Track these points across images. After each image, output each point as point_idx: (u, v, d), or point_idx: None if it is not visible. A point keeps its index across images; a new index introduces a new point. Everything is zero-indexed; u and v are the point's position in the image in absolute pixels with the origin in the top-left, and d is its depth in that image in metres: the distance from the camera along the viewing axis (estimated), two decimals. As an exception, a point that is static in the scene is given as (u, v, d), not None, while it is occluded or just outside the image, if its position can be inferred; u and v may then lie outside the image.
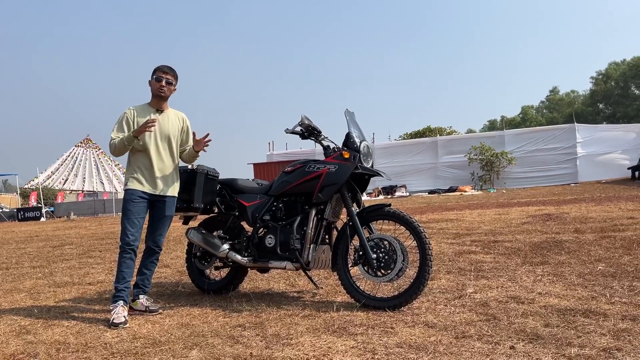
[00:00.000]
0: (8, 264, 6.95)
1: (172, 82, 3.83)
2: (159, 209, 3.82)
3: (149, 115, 3.77)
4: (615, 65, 54.10)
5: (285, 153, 29.20)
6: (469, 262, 4.95)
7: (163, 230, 3.85)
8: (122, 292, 3.59)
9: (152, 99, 3.85)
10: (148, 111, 3.80)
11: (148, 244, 3.84)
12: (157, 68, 3.82)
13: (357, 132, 3.82)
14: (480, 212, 9.89)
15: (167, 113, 3.89)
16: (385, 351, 2.62)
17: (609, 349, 2.48)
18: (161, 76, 3.78)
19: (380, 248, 3.54)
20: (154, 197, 3.77)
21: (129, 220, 3.66)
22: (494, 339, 2.72)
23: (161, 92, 3.78)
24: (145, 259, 3.86)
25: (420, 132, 35.38)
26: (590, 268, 4.37)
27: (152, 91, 3.82)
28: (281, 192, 3.93)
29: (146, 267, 3.85)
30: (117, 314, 3.43)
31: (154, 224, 3.84)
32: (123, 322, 3.37)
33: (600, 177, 22.41)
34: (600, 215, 7.73)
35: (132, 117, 3.75)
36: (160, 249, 3.88)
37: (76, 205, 29.21)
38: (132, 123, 3.73)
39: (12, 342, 3.13)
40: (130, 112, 3.77)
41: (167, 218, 3.85)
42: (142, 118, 3.74)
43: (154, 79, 3.79)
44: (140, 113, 3.78)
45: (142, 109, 3.82)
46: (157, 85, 3.77)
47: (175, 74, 3.86)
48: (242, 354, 2.68)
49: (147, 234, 3.85)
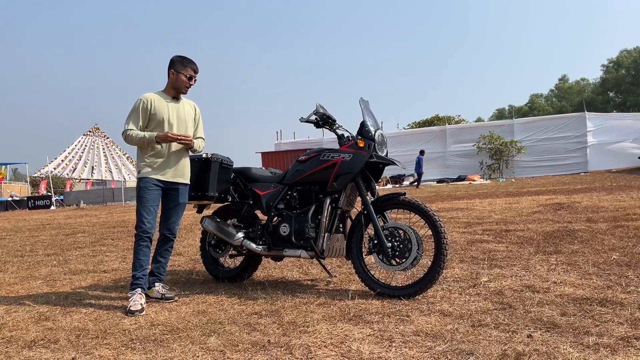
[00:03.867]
0: (22, 251, 7.02)
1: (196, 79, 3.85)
2: (173, 197, 3.83)
3: (166, 105, 3.75)
4: (626, 52, 53.39)
5: (293, 142, 29.20)
6: (481, 251, 4.95)
7: (177, 218, 3.87)
8: (141, 279, 3.63)
9: (170, 88, 3.82)
10: (165, 100, 3.78)
11: (163, 232, 3.86)
12: (188, 64, 3.77)
13: (372, 121, 3.81)
14: (491, 202, 9.86)
15: (182, 102, 3.89)
16: (402, 339, 2.63)
17: (627, 337, 2.47)
18: (193, 75, 3.78)
19: (395, 237, 3.54)
20: (168, 185, 3.78)
21: (145, 208, 3.67)
22: (511, 327, 2.72)
23: (187, 89, 3.80)
24: (160, 247, 3.88)
25: (428, 121, 35.30)
26: (604, 257, 4.36)
27: (175, 84, 3.78)
28: (295, 180, 3.93)
29: (161, 255, 3.88)
30: (134, 302, 3.47)
31: (168, 211, 3.85)
32: (139, 310, 3.40)
33: (611, 166, 22.27)
34: (612, 205, 7.68)
35: (149, 106, 3.70)
36: (175, 236, 3.91)
37: (85, 193, 29.40)
38: (149, 113, 3.71)
39: (32, 328, 3.18)
40: (147, 101, 3.71)
41: (180, 205, 3.87)
42: (159, 108, 3.72)
43: (183, 74, 3.74)
44: (157, 102, 3.74)
45: (159, 98, 3.77)
46: (186, 83, 3.77)
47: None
48: (260, 341, 2.71)
49: (161, 222, 3.87)
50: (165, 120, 3.73)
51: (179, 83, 3.76)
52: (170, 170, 3.76)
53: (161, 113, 3.73)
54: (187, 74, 3.76)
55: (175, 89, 3.80)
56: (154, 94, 3.79)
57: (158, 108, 3.73)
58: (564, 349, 2.36)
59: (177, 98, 3.85)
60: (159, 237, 3.88)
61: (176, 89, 3.80)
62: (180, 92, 3.81)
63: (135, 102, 3.73)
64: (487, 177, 23.96)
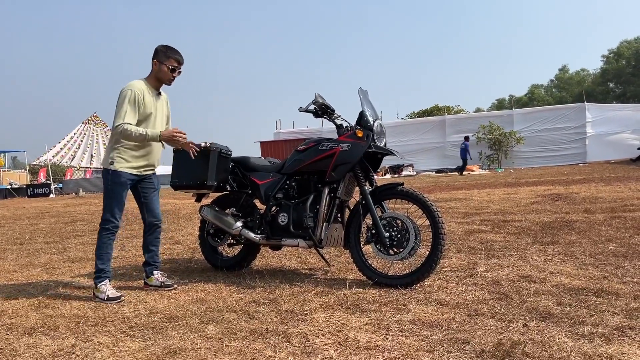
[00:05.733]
0: (22, 239, 7.05)
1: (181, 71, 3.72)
2: (149, 185, 3.74)
3: (152, 98, 3.63)
4: (627, 43, 53.13)
5: (292, 131, 29.17)
6: (479, 241, 4.97)
7: (158, 203, 3.82)
8: (109, 272, 3.60)
9: (153, 80, 3.66)
10: (150, 93, 3.62)
11: (150, 220, 3.78)
12: (172, 55, 3.62)
13: (371, 111, 3.81)
14: (489, 192, 9.88)
15: (163, 95, 3.78)
16: (399, 328, 2.66)
17: (622, 327, 2.50)
18: (176, 67, 3.65)
19: (392, 227, 3.56)
20: (142, 177, 3.70)
21: (118, 203, 3.56)
22: (507, 317, 2.75)
23: (171, 81, 3.68)
24: (150, 235, 3.81)
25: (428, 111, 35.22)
26: (601, 248, 4.38)
27: (158, 75, 3.63)
28: (294, 170, 3.94)
29: (152, 243, 3.82)
30: (110, 290, 3.49)
31: (148, 200, 3.75)
32: (119, 296, 3.48)
33: (609, 157, 22.27)
34: (610, 196, 7.70)
35: (141, 99, 3.53)
36: (161, 221, 3.85)
37: (84, 182, 29.35)
38: (142, 105, 3.54)
39: (32, 315, 3.20)
40: (140, 92, 3.53)
41: (157, 191, 3.81)
42: (148, 102, 3.58)
43: (168, 67, 3.60)
44: (147, 95, 3.58)
45: (147, 90, 3.61)
46: (169, 75, 3.63)
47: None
48: (258, 329, 2.73)
49: (143, 211, 3.78)
50: (152, 115, 3.62)
51: (161, 75, 3.62)
52: (145, 162, 3.66)
53: (150, 107, 3.60)
54: (171, 65, 3.61)
55: (159, 80, 3.66)
56: (142, 84, 3.60)
57: (147, 102, 3.58)
58: (559, 338, 2.39)
59: (159, 91, 3.73)
60: (146, 226, 3.81)
61: (159, 81, 3.66)
62: (164, 83, 3.68)
63: (127, 93, 3.50)
64: (485, 168, 23.96)
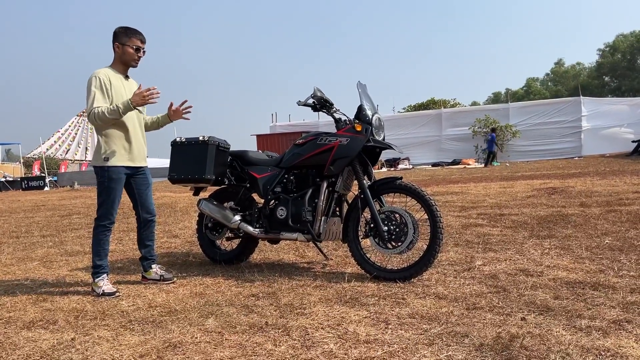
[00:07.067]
0: (18, 232, 7.02)
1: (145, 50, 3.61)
2: (142, 179, 3.71)
3: (121, 83, 3.54)
4: (622, 37, 53.18)
5: (288, 124, 29.07)
6: (476, 235, 5.00)
7: (151, 199, 3.81)
8: (106, 267, 3.60)
9: (119, 64, 3.56)
10: (118, 78, 3.53)
11: (144, 215, 3.76)
12: (133, 35, 3.51)
13: (369, 105, 3.81)
14: (485, 185, 9.91)
15: (131, 80, 3.68)
16: (398, 321, 2.67)
17: (619, 321, 2.52)
18: (140, 46, 3.54)
19: (391, 220, 3.57)
20: (134, 170, 3.66)
21: (115, 199, 3.54)
22: (505, 310, 2.77)
23: (136, 62, 3.59)
24: (145, 230, 3.80)
25: (424, 104, 35.19)
26: (597, 242, 4.41)
27: (123, 58, 3.53)
28: (293, 164, 3.94)
29: (148, 238, 3.82)
30: (106, 286, 3.49)
31: (141, 195, 3.73)
32: (116, 291, 3.47)
33: (605, 151, 22.35)
34: (605, 190, 7.74)
35: (108, 82, 3.44)
36: (155, 216, 3.85)
37: (79, 175, 29.21)
38: (109, 89, 3.44)
39: (30, 309, 3.19)
40: (105, 77, 3.44)
41: (150, 186, 3.79)
42: (116, 86, 3.49)
43: (131, 47, 3.49)
44: (114, 79, 3.49)
45: (113, 74, 3.52)
46: (133, 55, 3.52)
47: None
48: (258, 322, 2.74)
49: (136, 206, 3.76)
50: (125, 98, 3.48)
51: (126, 57, 3.52)
52: (136, 155, 3.63)
53: (119, 89, 3.50)
54: (134, 45, 3.51)
55: (124, 64, 3.56)
56: (107, 70, 3.51)
57: (115, 86, 3.49)
58: (557, 331, 2.41)
59: (127, 77, 3.64)
60: (140, 222, 3.79)
61: (125, 64, 3.56)
62: (130, 66, 3.58)
63: (92, 80, 3.41)
64: (481, 161, 24.01)
